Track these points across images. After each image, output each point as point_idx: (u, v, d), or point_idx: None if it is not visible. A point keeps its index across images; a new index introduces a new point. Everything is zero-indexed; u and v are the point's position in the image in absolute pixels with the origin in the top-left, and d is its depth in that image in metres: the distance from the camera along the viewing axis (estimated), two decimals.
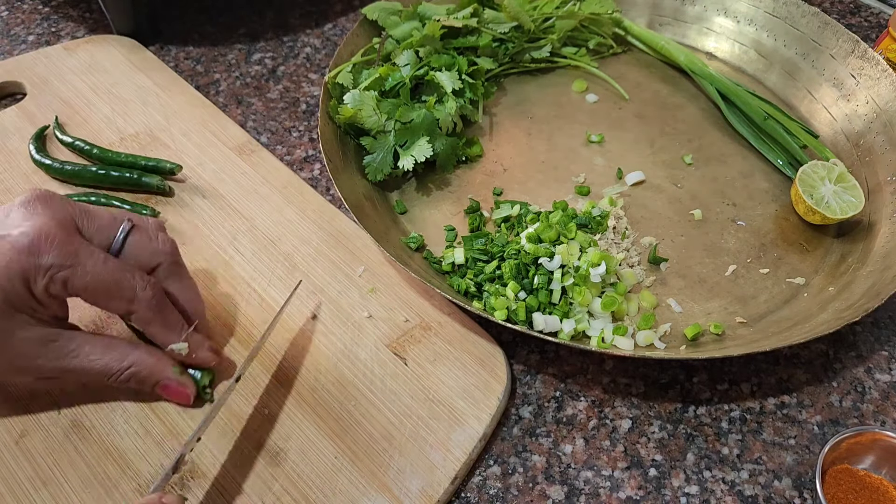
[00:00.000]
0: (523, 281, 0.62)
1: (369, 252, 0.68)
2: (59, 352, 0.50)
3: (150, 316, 0.52)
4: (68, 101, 0.82)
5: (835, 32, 0.84)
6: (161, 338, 0.54)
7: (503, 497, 0.55)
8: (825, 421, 0.60)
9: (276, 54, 0.94)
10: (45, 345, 0.49)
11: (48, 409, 0.56)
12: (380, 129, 0.73)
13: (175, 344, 0.54)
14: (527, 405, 0.60)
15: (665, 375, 0.63)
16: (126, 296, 0.51)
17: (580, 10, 0.89)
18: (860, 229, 0.73)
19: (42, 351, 0.49)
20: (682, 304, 0.67)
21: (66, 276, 0.48)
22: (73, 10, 0.99)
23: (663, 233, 0.73)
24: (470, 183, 0.77)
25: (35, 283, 0.48)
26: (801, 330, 0.61)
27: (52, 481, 0.52)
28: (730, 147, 0.82)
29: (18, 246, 0.47)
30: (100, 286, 0.49)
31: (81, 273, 0.48)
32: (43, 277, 0.47)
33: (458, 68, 0.78)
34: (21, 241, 0.47)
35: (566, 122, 0.84)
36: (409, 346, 0.61)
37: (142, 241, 0.53)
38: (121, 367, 0.52)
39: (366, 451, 0.55)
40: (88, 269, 0.49)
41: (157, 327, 0.53)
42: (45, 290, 0.48)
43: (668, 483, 0.56)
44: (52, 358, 0.50)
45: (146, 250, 0.53)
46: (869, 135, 0.78)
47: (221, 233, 0.70)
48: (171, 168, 0.73)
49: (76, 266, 0.48)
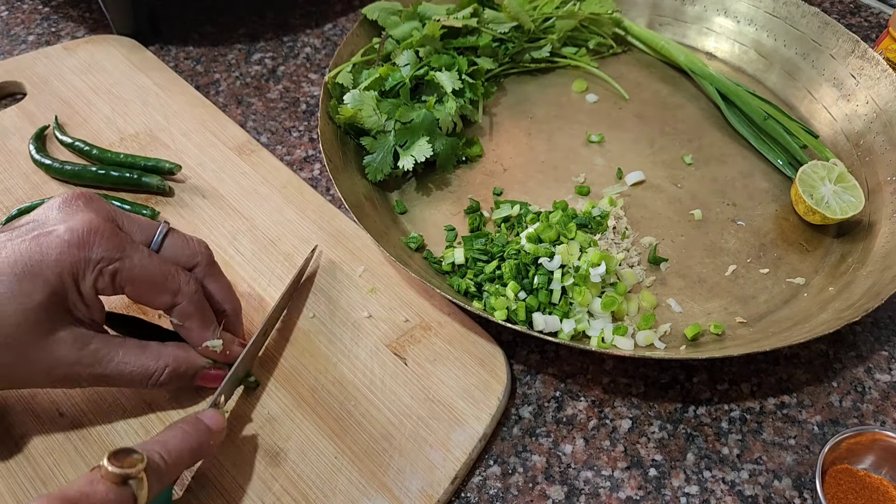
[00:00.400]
0: (523, 281, 0.62)
1: (369, 252, 0.68)
2: (95, 356, 0.49)
3: (191, 310, 0.52)
4: (68, 101, 0.82)
5: (835, 32, 0.84)
6: (197, 334, 0.53)
7: (503, 497, 0.55)
8: (825, 421, 0.60)
9: (276, 54, 0.94)
10: (82, 348, 0.49)
11: (48, 410, 0.56)
12: (380, 129, 0.73)
13: (210, 341, 0.54)
14: (527, 405, 0.60)
15: (665, 375, 0.63)
16: (171, 288, 0.51)
17: (580, 10, 0.89)
18: (860, 229, 0.73)
19: (79, 355, 0.49)
20: (682, 304, 0.67)
21: (115, 269, 0.48)
22: (73, 10, 0.99)
23: (663, 233, 0.73)
24: (470, 183, 0.77)
25: (84, 279, 0.48)
26: (801, 330, 0.61)
27: (52, 481, 0.52)
28: (730, 147, 0.82)
29: (68, 240, 0.47)
30: (147, 279, 0.50)
31: (129, 266, 0.49)
32: (92, 272, 0.48)
33: (458, 68, 0.78)
34: (70, 236, 0.47)
35: (566, 122, 0.84)
36: (409, 346, 0.61)
37: (180, 242, 0.54)
38: (158, 365, 0.52)
39: (366, 451, 0.55)
40: (136, 262, 0.49)
41: (195, 322, 0.53)
42: (92, 286, 0.48)
43: (668, 483, 0.56)
44: (87, 364, 0.49)
45: (184, 250, 0.54)
46: (869, 135, 0.78)
47: (221, 233, 0.70)
48: (171, 168, 0.73)
49: (124, 259, 0.48)
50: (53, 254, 0.46)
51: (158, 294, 0.51)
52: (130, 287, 0.49)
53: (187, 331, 0.53)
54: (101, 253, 0.48)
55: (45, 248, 0.46)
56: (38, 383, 0.50)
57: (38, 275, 0.46)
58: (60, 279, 0.47)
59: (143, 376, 0.51)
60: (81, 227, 0.47)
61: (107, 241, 0.48)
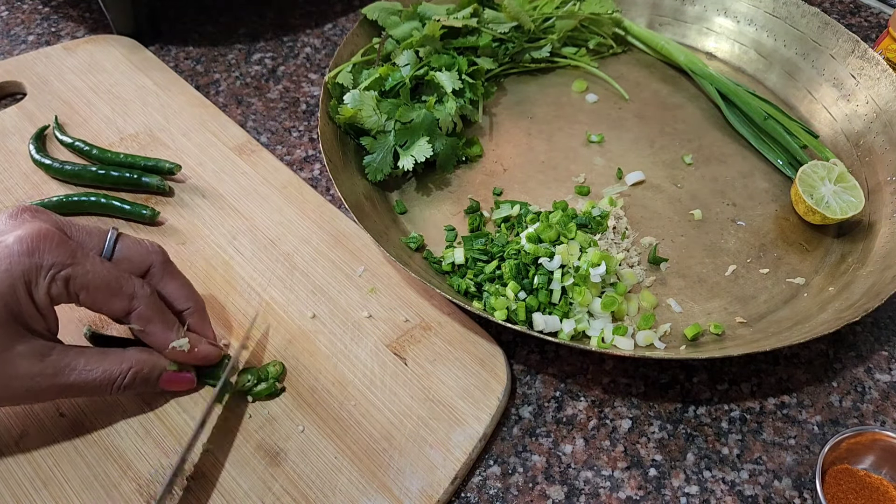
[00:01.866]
0: (523, 281, 0.62)
1: (369, 252, 0.68)
2: (56, 366, 0.49)
3: (150, 313, 0.52)
4: (68, 101, 0.82)
5: (835, 32, 0.84)
6: (161, 336, 0.53)
7: (503, 497, 0.55)
8: (825, 421, 0.60)
9: (276, 54, 0.94)
10: (42, 359, 0.48)
11: (48, 409, 0.56)
12: (380, 129, 0.73)
13: (175, 341, 0.53)
14: (527, 405, 0.60)
15: (665, 375, 0.63)
16: (127, 293, 0.50)
17: (580, 10, 0.89)
18: (860, 229, 0.73)
19: (39, 367, 0.48)
20: (682, 304, 0.67)
21: (68, 275, 0.48)
22: (73, 10, 0.99)
23: (663, 233, 0.73)
24: (470, 183, 0.77)
25: (36, 286, 0.47)
26: (801, 330, 0.61)
27: (52, 481, 0.52)
28: (730, 147, 0.82)
29: (17, 249, 0.46)
30: (101, 284, 0.49)
31: (83, 272, 0.48)
32: (45, 278, 0.47)
33: (458, 68, 0.78)
34: (19, 245, 0.46)
35: (566, 122, 0.84)
36: (409, 346, 0.61)
37: (131, 245, 0.53)
38: (121, 369, 0.51)
39: (366, 451, 0.55)
40: (89, 268, 0.48)
41: (157, 325, 0.52)
42: (46, 293, 0.47)
43: (668, 483, 0.56)
44: (49, 375, 0.48)
45: (137, 253, 0.53)
46: (869, 135, 0.78)
47: (221, 233, 0.70)
48: (171, 168, 0.73)
49: (76, 265, 0.48)
50: (3, 264, 0.46)
51: (114, 299, 0.50)
52: (85, 293, 0.49)
53: (150, 336, 0.53)
54: (51, 259, 0.47)
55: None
56: (1, 400, 0.49)
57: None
58: (13, 289, 0.46)
59: (106, 382, 0.51)
60: (29, 235, 0.47)
61: (56, 248, 0.47)
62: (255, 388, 0.57)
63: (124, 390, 0.52)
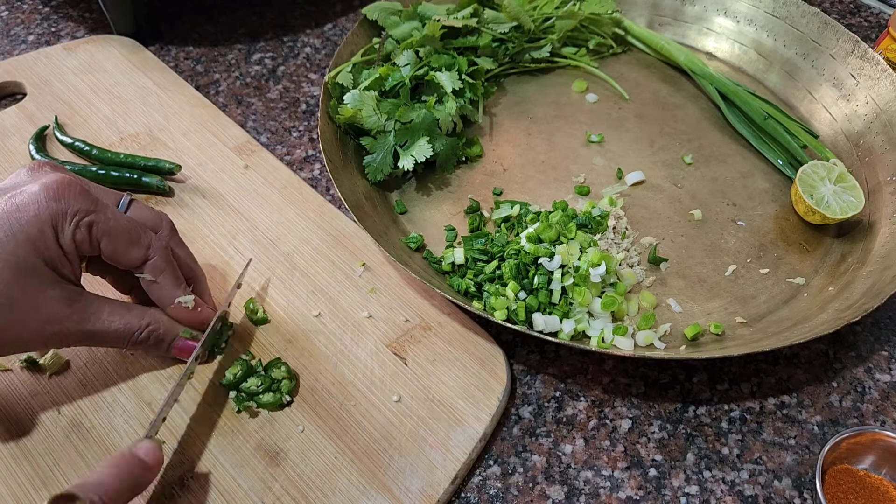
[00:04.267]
0: (523, 281, 0.62)
1: (369, 252, 0.68)
2: (83, 313, 0.51)
3: (163, 265, 0.54)
4: (68, 101, 0.82)
5: (835, 32, 0.84)
6: (169, 290, 0.55)
7: (503, 497, 0.55)
8: (825, 421, 0.60)
9: (276, 54, 0.94)
10: (72, 305, 0.50)
11: (48, 409, 0.56)
12: (380, 129, 0.73)
13: (181, 297, 0.55)
14: (527, 405, 0.60)
15: (665, 375, 0.63)
16: (145, 243, 0.53)
17: (580, 10, 0.89)
18: (860, 229, 0.73)
19: (68, 312, 0.50)
20: (682, 304, 0.67)
21: (91, 221, 0.50)
22: (73, 10, 0.99)
23: (663, 233, 0.73)
24: (470, 183, 0.77)
25: (63, 231, 0.49)
26: (801, 330, 0.61)
27: (52, 481, 0.52)
28: (730, 147, 0.82)
29: (44, 195, 0.48)
30: (122, 231, 0.52)
31: (104, 218, 0.51)
32: (70, 223, 0.49)
33: (458, 68, 0.78)
34: (45, 192, 0.49)
35: (566, 122, 0.84)
36: (409, 346, 0.61)
37: (143, 208, 0.56)
38: (140, 325, 0.54)
39: (366, 451, 0.55)
40: (110, 216, 0.51)
41: (167, 278, 0.55)
42: (72, 238, 0.49)
43: (668, 483, 0.56)
44: (77, 320, 0.51)
45: (149, 216, 0.56)
46: (869, 135, 0.78)
47: (221, 233, 0.70)
48: (171, 168, 0.73)
49: (98, 212, 0.50)
50: (31, 209, 0.48)
51: (132, 247, 0.53)
52: (107, 240, 0.51)
53: (159, 287, 0.55)
54: (76, 206, 0.49)
55: (22, 205, 0.48)
56: (29, 344, 0.51)
57: (19, 232, 0.47)
58: (41, 233, 0.48)
59: (125, 333, 0.53)
60: (55, 182, 0.49)
61: (80, 196, 0.50)
62: (262, 398, 0.56)
63: (139, 346, 0.55)
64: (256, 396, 0.56)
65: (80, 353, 0.59)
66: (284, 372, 0.57)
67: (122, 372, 0.58)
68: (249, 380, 0.57)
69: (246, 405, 0.56)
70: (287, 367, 0.58)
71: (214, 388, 0.58)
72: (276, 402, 0.56)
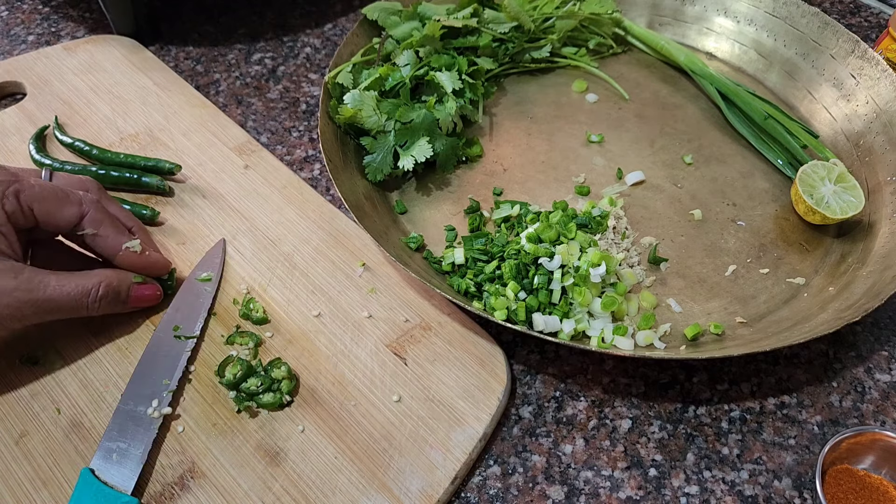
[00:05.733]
0: (523, 281, 0.62)
1: (369, 252, 0.68)
2: (29, 283, 0.52)
3: (100, 216, 0.56)
4: (68, 101, 0.82)
5: (835, 32, 0.84)
6: (113, 239, 0.57)
7: (503, 497, 0.55)
8: (825, 421, 0.60)
9: (276, 54, 0.94)
10: (16, 276, 0.51)
11: (48, 409, 0.56)
12: (380, 129, 0.73)
13: (127, 242, 0.57)
14: (527, 405, 0.60)
15: (665, 375, 0.63)
16: (75, 199, 0.55)
17: (580, 10, 0.89)
18: (860, 229, 0.73)
19: (14, 284, 0.51)
20: (682, 304, 0.67)
21: (17, 189, 0.52)
22: (73, 10, 0.99)
23: (663, 233, 0.73)
24: (470, 183, 0.77)
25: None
26: (801, 330, 0.61)
27: (52, 481, 0.52)
28: (730, 147, 0.82)
29: None
30: (49, 194, 0.54)
31: (29, 185, 0.53)
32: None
33: (458, 68, 0.78)
34: None
35: (566, 122, 0.84)
36: (409, 346, 0.61)
37: (65, 176, 0.59)
38: (93, 283, 0.55)
39: (366, 451, 0.55)
40: (34, 183, 0.54)
41: (109, 228, 0.56)
42: (1, 208, 0.51)
43: (668, 483, 0.56)
44: (25, 289, 0.51)
45: (72, 180, 0.58)
46: (869, 135, 0.78)
47: (221, 233, 0.70)
48: (171, 168, 0.73)
49: (21, 181, 0.53)
50: None
51: (65, 206, 0.54)
52: (38, 204, 0.53)
53: (103, 238, 0.56)
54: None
55: None
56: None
57: None
58: None
59: (81, 294, 0.54)
60: None
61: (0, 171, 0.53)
62: (262, 398, 0.56)
63: (99, 305, 0.56)
64: (256, 396, 0.56)
65: (80, 352, 0.59)
66: (284, 372, 0.57)
67: (122, 371, 0.58)
68: (249, 380, 0.57)
69: (246, 405, 0.56)
70: (287, 367, 0.58)
71: (214, 388, 0.58)
72: (276, 402, 0.56)
